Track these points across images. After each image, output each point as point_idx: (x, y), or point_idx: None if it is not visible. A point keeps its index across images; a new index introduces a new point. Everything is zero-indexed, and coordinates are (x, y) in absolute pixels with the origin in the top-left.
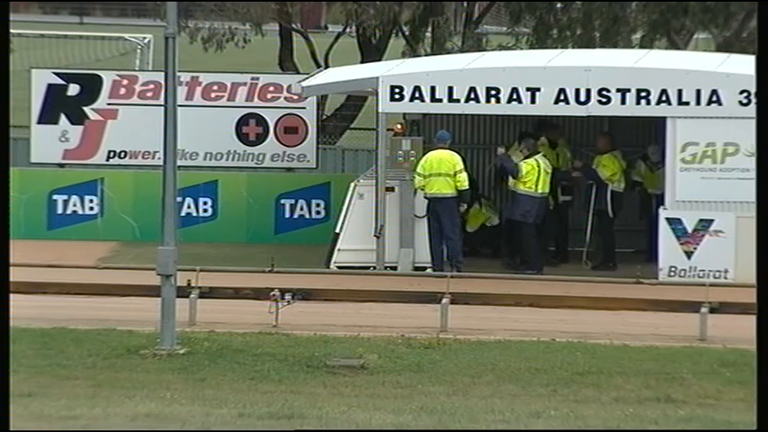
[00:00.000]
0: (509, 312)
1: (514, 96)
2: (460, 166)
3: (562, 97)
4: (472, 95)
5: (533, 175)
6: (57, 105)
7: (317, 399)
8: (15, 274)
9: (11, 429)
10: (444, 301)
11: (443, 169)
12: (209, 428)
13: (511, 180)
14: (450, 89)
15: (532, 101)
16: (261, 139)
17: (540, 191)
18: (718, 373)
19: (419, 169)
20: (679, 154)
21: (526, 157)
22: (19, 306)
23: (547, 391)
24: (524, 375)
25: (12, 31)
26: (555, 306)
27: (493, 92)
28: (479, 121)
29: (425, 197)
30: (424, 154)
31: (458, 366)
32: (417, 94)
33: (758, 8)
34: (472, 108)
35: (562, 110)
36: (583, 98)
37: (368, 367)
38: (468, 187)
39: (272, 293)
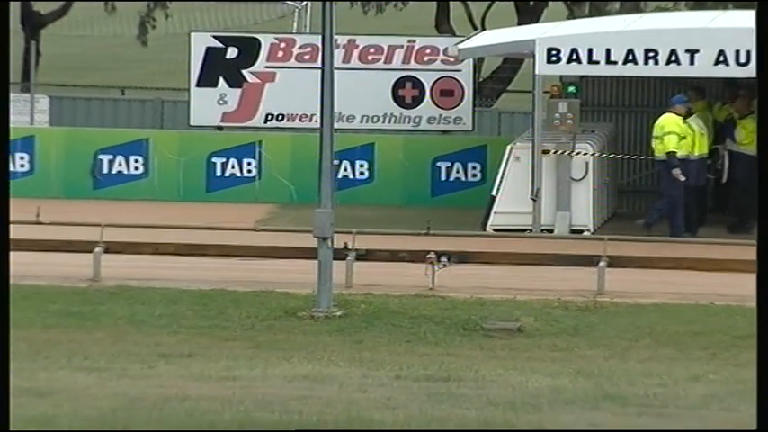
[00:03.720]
0: (666, 275)
1: (673, 58)
2: (669, 129)
3: (722, 59)
4: (630, 57)
5: (690, 138)
6: (215, 68)
7: (474, 361)
8: (176, 236)
9: (11, 429)
10: (601, 264)
11: (655, 132)
12: (366, 390)
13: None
14: (608, 51)
15: (691, 62)
16: (417, 101)
17: (697, 153)
18: None
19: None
20: None
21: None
22: (180, 267)
23: (706, 354)
24: (682, 339)
25: None
26: (713, 269)
27: (651, 54)
28: (637, 84)
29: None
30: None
31: (615, 329)
32: (574, 57)
33: (758, 7)
34: (630, 70)
35: (722, 71)
36: (743, 59)
37: (524, 330)
38: (671, 149)
39: (429, 256)
